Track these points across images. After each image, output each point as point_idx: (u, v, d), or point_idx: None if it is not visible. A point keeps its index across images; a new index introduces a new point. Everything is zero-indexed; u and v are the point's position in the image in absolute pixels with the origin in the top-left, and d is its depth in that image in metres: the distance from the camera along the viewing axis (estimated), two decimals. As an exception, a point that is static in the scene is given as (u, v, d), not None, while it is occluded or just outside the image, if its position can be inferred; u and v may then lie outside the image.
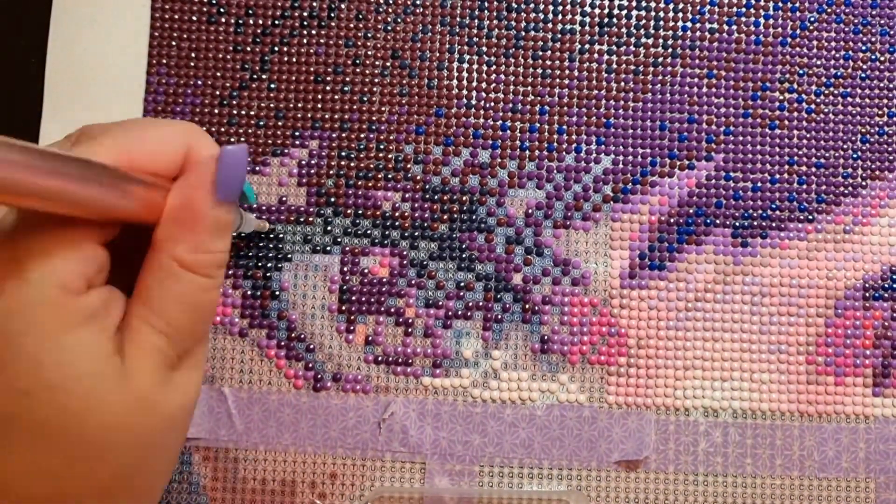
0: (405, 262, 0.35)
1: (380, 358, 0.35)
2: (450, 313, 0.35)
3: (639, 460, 0.34)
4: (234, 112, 0.36)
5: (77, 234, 0.23)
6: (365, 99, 0.36)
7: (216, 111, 0.36)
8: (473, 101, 0.36)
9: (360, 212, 0.35)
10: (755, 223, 0.36)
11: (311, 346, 0.35)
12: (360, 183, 0.36)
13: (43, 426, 0.22)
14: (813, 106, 0.36)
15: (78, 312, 0.23)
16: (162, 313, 0.24)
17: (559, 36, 0.36)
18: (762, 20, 0.37)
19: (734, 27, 0.37)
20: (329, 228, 0.35)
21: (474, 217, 0.35)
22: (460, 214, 0.36)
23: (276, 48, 0.36)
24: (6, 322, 0.22)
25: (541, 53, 0.36)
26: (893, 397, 0.35)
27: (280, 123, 0.36)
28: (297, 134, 0.36)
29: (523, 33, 0.36)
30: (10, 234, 0.22)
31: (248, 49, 0.36)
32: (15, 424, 0.22)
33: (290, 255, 0.35)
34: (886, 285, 0.35)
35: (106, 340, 0.23)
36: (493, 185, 0.36)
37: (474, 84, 0.36)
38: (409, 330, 0.35)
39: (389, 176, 0.36)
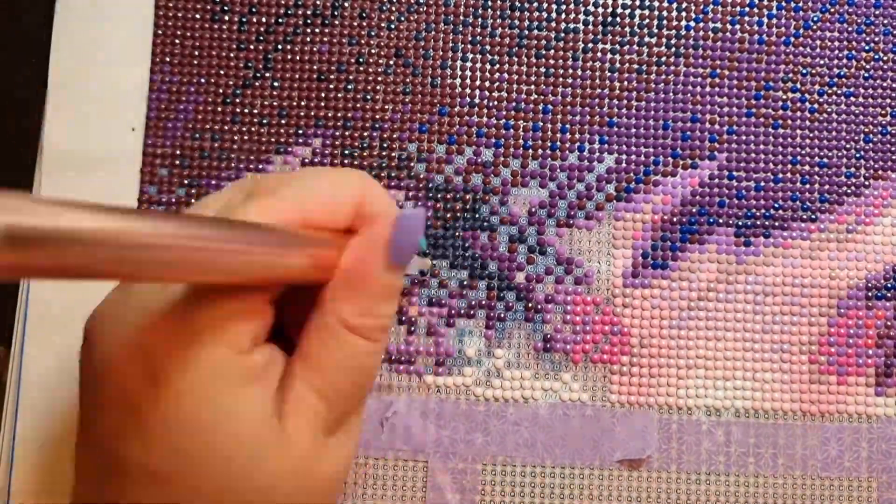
0: (408, 260, 0.35)
1: (383, 356, 0.35)
2: (453, 312, 0.35)
3: (641, 459, 0.34)
4: (238, 110, 0.36)
5: (248, 294, 0.22)
6: (368, 97, 0.36)
7: (219, 109, 0.36)
8: (477, 100, 0.36)
9: (363, 210, 0.35)
10: (758, 222, 0.36)
11: (314, 345, 0.35)
12: (363, 181, 0.36)
13: (202, 488, 0.22)
14: (816, 105, 0.36)
15: (244, 372, 0.22)
16: (323, 375, 0.24)
17: (562, 35, 0.36)
18: (765, 19, 0.37)
19: (737, 26, 0.37)
20: (332, 227, 0.35)
21: (477, 215, 0.35)
22: (463, 213, 0.35)
23: (280, 46, 0.36)
24: (176, 382, 0.22)
25: (544, 52, 0.36)
26: (896, 397, 0.35)
27: (283, 122, 0.36)
28: (300, 132, 0.36)
29: (526, 32, 0.36)
30: (184, 296, 0.22)
31: (252, 47, 0.36)
32: (175, 485, 0.22)
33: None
34: (889, 285, 0.35)
35: (268, 401, 0.23)
36: (497, 183, 0.36)
37: (477, 83, 0.36)
38: (412, 328, 0.35)
39: (393, 174, 0.36)
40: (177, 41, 0.36)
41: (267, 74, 0.36)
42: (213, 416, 0.22)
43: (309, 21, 0.36)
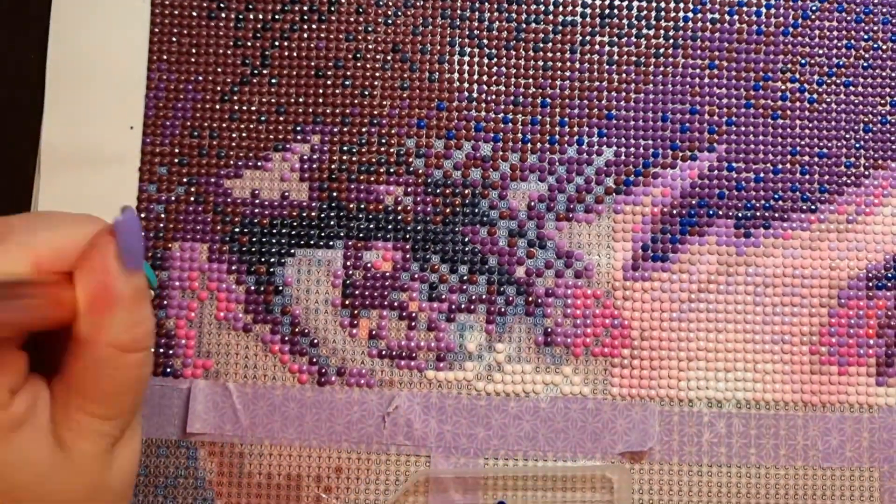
0: (408, 255, 0.35)
1: (384, 352, 0.35)
2: (453, 307, 0.35)
3: (643, 451, 0.34)
4: (236, 107, 0.36)
5: None
6: (366, 93, 0.36)
7: (217, 107, 0.36)
8: (475, 94, 0.36)
9: (362, 206, 0.35)
10: (758, 213, 0.36)
11: (315, 341, 0.35)
12: (362, 177, 0.36)
13: None
14: (815, 96, 0.36)
15: (10, 423, 0.23)
16: (106, 401, 0.24)
17: (560, 28, 0.36)
18: (763, 10, 0.37)
19: (735, 17, 0.36)
20: (331, 223, 0.35)
21: (477, 210, 0.35)
22: (462, 208, 0.35)
23: (277, 43, 0.36)
24: None
25: (542, 45, 0.36)
26: (897, 386, 0.35)
27: (281, 118, 0.36)
28: (298, 129, 0.36)
29: (524, 25, 0.36)
30: None
31: (249, 44, 0.36)
32: None
33: (293, 251, 0.35)
34: (890, 275, 0.35)
35: (43, 439, 0.23)
36: (496, 178, 0.36)
37: (475, 77, 0.36)
38: (413, 324, 0.35)
39: (391, 170, 0.36)
40: (174, 39, 0.36)
41: (264, 71, 0.36)
42: None
43: (306, 17, 0.36)
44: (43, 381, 0.24)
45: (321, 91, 0.36)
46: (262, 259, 0.35)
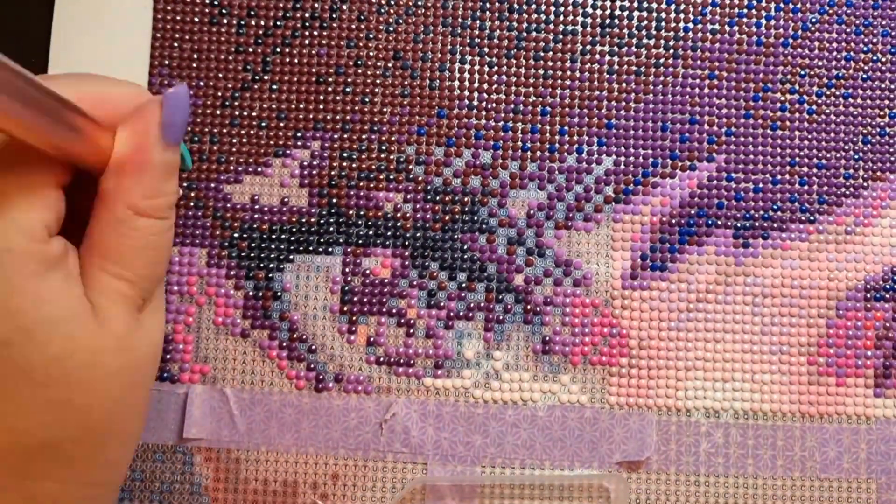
0: (407, 262, 0.35)
1: (381, 359, 0.35)
2: (451, 314, 0.35)
3: (640, 461, 0.34)
4: (236, 113, 0.36)
5: (37, 179, 0.23)
6: (367, 100, 0.36)
7: (218, 112, 0.36)
8: (475, 102, 0.36)
9: (361, 213, 0.35)
10: (756, 224, 0.36)
11: (313, 347, 0.35)
12: (361, 184, 0.36)
13: (25, 373, 0.22)
14: (814, 107, 0.36)
15: (45, 259, 0.23)
16: (123, 262, 0.24)
17: (561, 37, 0.36)
18: (763, 21, 0.37)
19: (735, 28, 0.37)
20: (331, 229, 0.35)
21: (476, 218, 0.36)
22: (462, 215, 0.36)
23: (278, 49, 0.36)
24: None
25: (542, 54, 0.36)
26: (895, 398, 0.35)
27: (282, 124, 0.36)
28: (298, 135, 0.36)
29: (525, 34, 0.36)
30: None
31: (250, 50, 0.36)
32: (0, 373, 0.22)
33: (291, 256, 0.35)
34: (888, 286, 0.35)
35: (75, 284, 0.23)
36: (495, 185, 0.36)
37: (476, 85, 0.36)
38: (411, 331, 0.35)
39: (391, 177, 0.36)
40: (175, 44, 0.36)
41: (265, 77, 0.36)
42: (21, 302, 0.22)
43: (307, 24, 0.36)
44: (73, 246, 0.25)
45: (322, 97, 0.36)
46: (261, 264, 0.35)
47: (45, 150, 0.23)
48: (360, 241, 0.35)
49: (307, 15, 0.36)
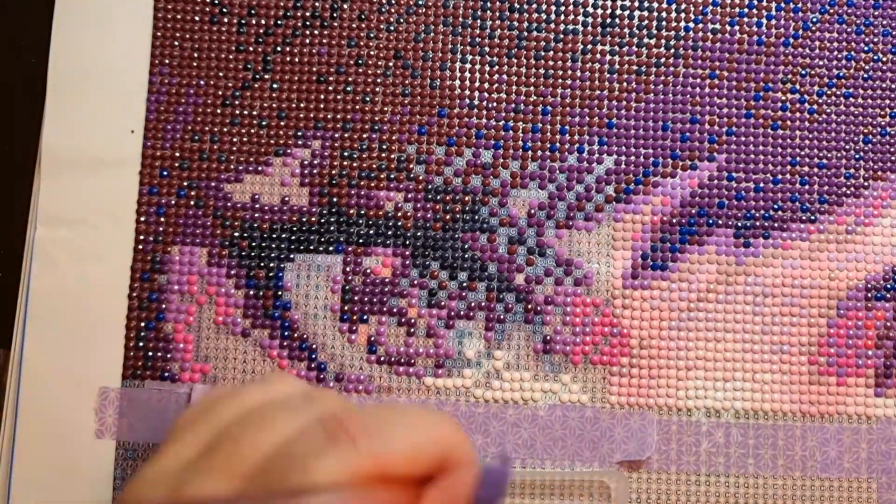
0: (407, 262, 0.35)
1: (382, 358, 0.35)
2: (452, 313, 0.35)
3: (641, 460, 0.34)
4: (237, 112, 0.36)
5: None
6: (367, 99, 0.36)
7: (219, 111, 0.36)
8: (476, 102, 0.36)
9: (362, 212, 0.35)
10: (757, 223, 0.36)
11: (314, 347, 0.35)
12: (362, 183, 0.36)
13: None
14: (815, 106, 0.36)
15: None
16: None
17: (561, 36, 0.36)
18: (764, 21, 0.37)
19: (736, 28, 0.37)
20: (331, 228, 0.35)
21: (477, 217, 0.36)
22: (463, 214, 0.36)
23: (279, 48, 0.36)
24: None
25: (543, 54, 0.36)
26: (895, 398, 0.35)
27: (282, 123, 0.36)
28: (299, 134, 0.36)
29: (525, 34, 0.36)
30: None
31: (251, 49, 0.36)
32: None
33: (292, 256, 0.35)
34: (888, 286, 0.35)
35: None
36: (496, 185, 0.36)
37: (477, 84, 0.36)
38: (412, 330, 0.35)
39: (392, 176, 0.36)
40: (176, 43, 0.36)
41: (266, 76, 0.36)
42: None
43: (308, 23, 0.36)
44: None
45: (322, 97, 0.36)
46: (262, 264, 0.35)
47: None
48: (361, 241, 0.35)
49: (308, 14, 0.36)
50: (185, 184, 0.35)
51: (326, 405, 0.24)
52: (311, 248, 0.35)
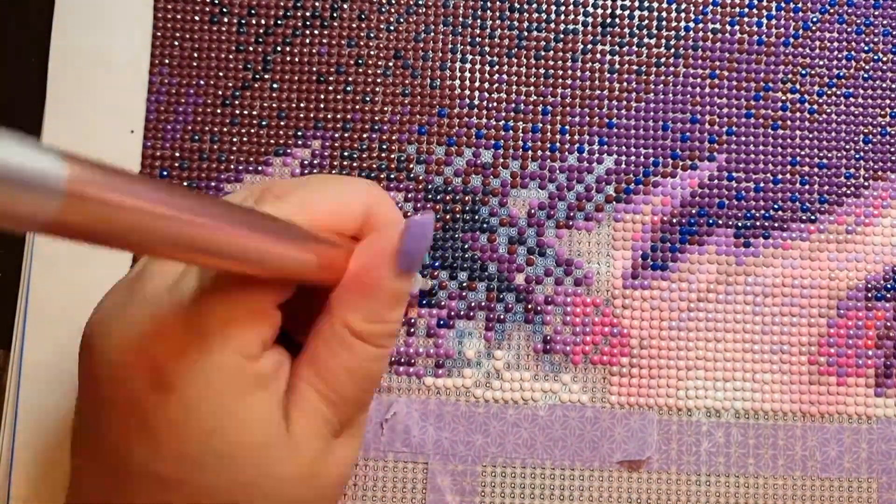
0: (408, 262, 0.35)
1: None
2: (452, 313, 0.35)
3: (641, 460, 0.34)
4: (237, 112, 0.36)
5: (257, 297, 0.22)
6: (367, 99, 0.36)
7: (218, 111, 0.36)
8: (476, 101, 0.36)
9: (362, 212, 0.35)
10: (757, 223, 0.36)
11: (314, 346, 0.35)
12: (362, 183, 0.36)
13: (209, 494, 0.22)
14: (815, 106, 0.36)
15: (253, 378, 0.22)
16: (329, 380, 0.23)
17: (562, 36, 0.36)
18: (765, 20, 0.37)
19: (737, 27, 0.37)
20: (331, 228, 0.35)
21: (477, 217, 0.35)
22: (463, 214, 0.36)
23: (279, 48, 0.36)
24: (184, 388, 0.21)
25: (543, 53, 0.36)
26: (895, 398, 0.35)
27: (282, 123, 0.36)
28: (299, 134, 0.36)
29: (526, 33, 0.36)
30: (191, 299, 0.22)
31: (251, 49, 0.36)
32: (182, 490, 0.22)
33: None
34: (889, 286, 0.35)
35: (276, 406, 0.23)
36: (496, 185, 0.36)
37: (477, 84, 0.36)
38: (412, 330, 0.35)
39: (392, 176, 0.36)
40: (176, 43, 0.36)
41: (266, 76, 0.36)
42: (221, 423, 0.22)
43: (308, 23, 0.36)
44: (288, 355, 0.24)
45: (322, 96, 0.36)
46: (262, 264, 0.35)
47: (272, 277, 0.22)
48: (361, 241, 0.35)
49: (308, 14, 0.36)
50: (185, 184, 0.35)
51: (261, 185, 0.25)
52: (311, 248, 0.35)
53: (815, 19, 0.37)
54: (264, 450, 0.22)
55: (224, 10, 0.36)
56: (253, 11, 0.36)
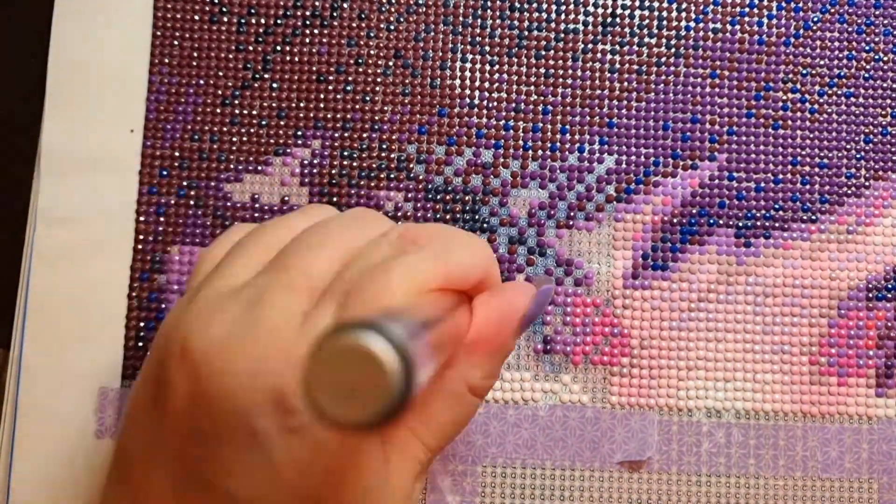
0: (408, 262, 0.35)
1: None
2: (452, 313, 0.35)
3: (642, 461, 0.34)
4: (237, 111, 0.36)
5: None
6: (367, 98, 0.36)
7: (218, 111, 0.36)
8: (476, 101, 0.36)
9: (362, 212, 0.35)
10: (758, 223, 0.36)
11: (314, 346, 0.35)
12: (362, 183, 0.36)
13: None
14: (816, 106, 0.36)
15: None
16: (436, 431, 0.24)
17: (562, 35, 0.36)
18: (765, 20, 0.37)
19: (737, 27, 0.37)
20: (331, 228, 0.35)
21: (477, 217, 0.35)
22: (463, 214, 0.35)
23: (279, 47, 0.36)
24: (315, 432, 0.21)
25: (544, 53, 0.36)
26: (896, 398, 0.35)
27: (282, 123, 0.36)
28: (299, 133, 0.36)
29: (526, 33, 0.36)
30: None
31: (251, 48, 0.36)
32: None
33: (292, 255, 0.35)
34: (890, 286, 0.35)
35: (380, 446, 0.23)
36: (496, 184, 0.36)
37: (477, 83, 0.36)
38: (412, 330, 0.35)
39: (392, 176, 0.36)
40: (175, 42, 0.36)
41: (266, 76, 0.36)
42: (344, 466, 0.22)
43: (308, 22, 0.36)
44: None
45: (322, 96, 0.36)
46: (262, 264, 0.35)
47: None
48: (361, 240, 0.35)
49: (308, 13, 0.36)
50: (185, 184, 0.35)
51: (379, 222, 0.24)
52: (311, 247, 0.35)
53: (815, 19, 0.37)
54: (370, 493, 0.23)
55: (224, 9, 0.36)
56: (253, 11, 0.36)
